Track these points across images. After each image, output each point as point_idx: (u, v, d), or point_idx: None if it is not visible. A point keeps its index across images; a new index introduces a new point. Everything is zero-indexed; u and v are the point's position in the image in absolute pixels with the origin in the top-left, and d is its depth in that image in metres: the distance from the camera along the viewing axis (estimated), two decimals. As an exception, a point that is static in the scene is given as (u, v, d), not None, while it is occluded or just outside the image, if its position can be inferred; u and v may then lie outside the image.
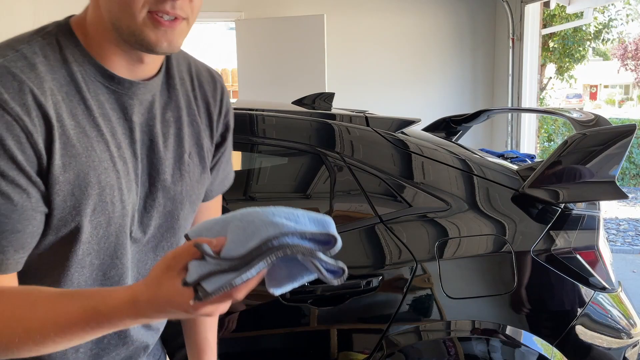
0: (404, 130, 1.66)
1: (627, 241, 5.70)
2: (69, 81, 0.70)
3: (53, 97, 0.68)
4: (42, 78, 0.67)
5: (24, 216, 0.66)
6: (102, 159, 0.72)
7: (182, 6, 0.69)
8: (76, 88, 0.71)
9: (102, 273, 0.78)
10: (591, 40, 9.51)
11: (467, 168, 1.59)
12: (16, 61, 0.67)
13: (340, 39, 5.38)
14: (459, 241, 1.50)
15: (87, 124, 0.71)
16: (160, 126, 0.80)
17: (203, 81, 0.88)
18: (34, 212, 0.67)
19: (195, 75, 0.87)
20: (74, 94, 0.70)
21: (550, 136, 9.25)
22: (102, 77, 0.73)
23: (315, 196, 1.56)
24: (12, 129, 0.64)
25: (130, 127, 0.76)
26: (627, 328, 1.57)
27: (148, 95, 0.78)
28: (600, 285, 1.53)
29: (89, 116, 0.71)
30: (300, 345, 1.45)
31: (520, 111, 5.53)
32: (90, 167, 0.70)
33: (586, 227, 1.57)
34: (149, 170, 0.79)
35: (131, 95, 0.75)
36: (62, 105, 0.69)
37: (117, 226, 0.75)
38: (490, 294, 1.48)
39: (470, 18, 5.74)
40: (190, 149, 0.84)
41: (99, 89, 0.73)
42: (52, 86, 0.68)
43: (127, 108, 0.75)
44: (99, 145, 0.72)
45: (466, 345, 1.45)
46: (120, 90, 0.74)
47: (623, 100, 27.83)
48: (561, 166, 1.53)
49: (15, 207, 0.65)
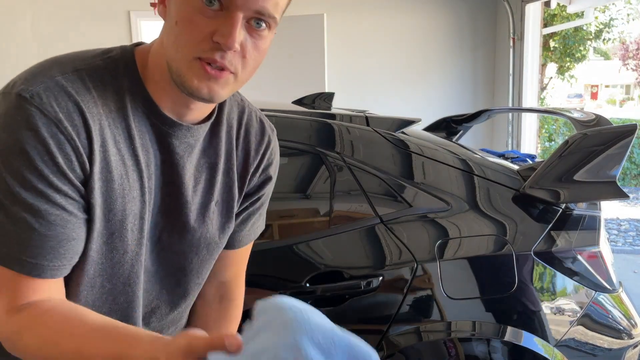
0: (404, 130, 1.66)
1: (628, 241, 5.69)
2: (118, 108, 0.72)
3: (101, 122, 0.70)
4: (94, 102, 0.69)
5: (77, 224, 0.70)
6: (132, 188, 0.74)
7: (232, 59, 0.68)
8: (123, 116, 0.72)
9: (112, 297, 0.79)
10: (592, 39, 9.50)
11: (467, 168, 1.59)
12: (74, 82, 0.69)
13: (340, 39, 5.37)
14: (459, 241, 1.49)
15: (126, 152, 0.73)
16: (193, 170, 0.81)
17: (251, 131, 0.87)
18: (83, 221, 0.71)
19: (245, 123, 0.87)
20: (120, 121, 0.72)
21: (551, 136, 9.24)
22: (149, 111, 0.75)
23: (315, 196, 1.55)
24: (64, 147, 0.66)
25: (165, 163, 0.77)
26: (628, 328, 1.57)
27: (190, 139, 0.78)
28: (601, 286, 1.53)
29: (130, 145, 0.73)
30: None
31: (520, 111, 5.52)
32: (119, 195, 0.72)
33: (587, 227, 1.56)
34: (172, 208, 0.80)
35: (172, 134, 0.76)
36: (107, 130, 0.71)
37: (134, 254, 0.77)
38: (491, 295, 1.48)
39: (471, 18, 5.74)
40: (219, 197, 0.85)
41: (143, 121, 0.75)
42: (101, 111, 0.70)
43: (165, 145, 0.76)
44: (132, 174, 0.74)
45: (467, 346, 1.45)
46: (164, 127, 0.76)
47: (624, 100, 27.82)
48: (562, 166, 1.52)
49: (69, 218, 0.69)
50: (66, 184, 0.67)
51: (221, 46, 0.66)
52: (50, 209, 0.67)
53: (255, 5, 0.67)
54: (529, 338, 1.45)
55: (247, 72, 0.72)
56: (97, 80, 0.71)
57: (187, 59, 0.68)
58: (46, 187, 0.66)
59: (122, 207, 0.73)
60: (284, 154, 1.57)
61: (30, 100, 0.65)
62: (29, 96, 0.66)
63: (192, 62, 0.68)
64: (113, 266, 0.76)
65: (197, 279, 0.89)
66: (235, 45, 0.67)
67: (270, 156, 0.91)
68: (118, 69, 0.73)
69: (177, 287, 0.87)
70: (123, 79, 0.73)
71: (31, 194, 0.66)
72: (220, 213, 0.86)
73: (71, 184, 0.68)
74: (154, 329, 0.87)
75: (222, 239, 0.88)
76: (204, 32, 0.67)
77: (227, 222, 0.87)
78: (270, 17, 0.69)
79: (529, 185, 1.52)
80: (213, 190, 0.83)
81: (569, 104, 21.66)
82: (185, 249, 0.84)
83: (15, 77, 0.70)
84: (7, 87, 0.69)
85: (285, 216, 1.54)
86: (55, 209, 0.67)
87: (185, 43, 0.68)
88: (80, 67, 0.71)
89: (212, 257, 0.89)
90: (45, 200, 0.66)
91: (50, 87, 0.67)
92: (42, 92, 0.66)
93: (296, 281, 1.40)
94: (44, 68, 0.70)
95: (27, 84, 0.67)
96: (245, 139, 0.87)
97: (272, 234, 1.48)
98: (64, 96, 0.67)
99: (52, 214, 0.67)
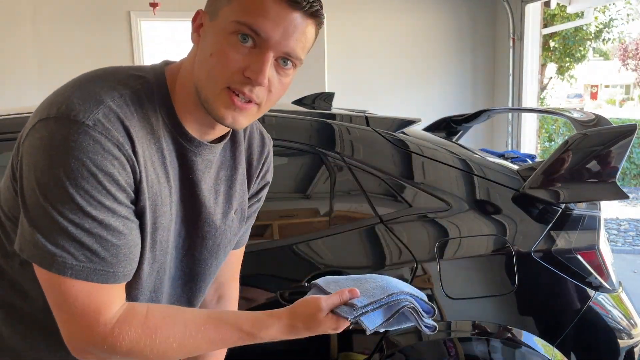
0: (404, 130, 1.66)
1: (628, 241, 5.69)
2: (153, 130, 0.77)
3: (142, 145, 0.75)
4: (136, 125, 0.75)
5: (136, 232, 0.76)
6: (164, 203, 0.80)
7: (259, 93, 0.75)
8: (157, 138, 0.78)
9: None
10: (592, 40, 9.50)
11: (467, 168, 1.59)
12: (122, 107, 0.73)
13: (340, 39, 5.37)
14: (459, 241, 1.49)
15: (160, 170, 0.79)
16: (212, 183, 0.87)
17: (253, 143, 0.95)
18: (138, 228, 0.77)
19: (248, 136, 0.95)
20: (155, 141, 0.78)
21: (551, 136, 9.24)
22: (176, 131, 0.80)
23: (315, 196, 1.55)
24: (125, 167, 0.72)
25: (186, 178, 0.83)
26: (627, 328, 1.57)
27: (210, 156, 0.85)
28: (601, 286, 1.53)
29: (162, 164, 0.79)
30: (300, 345, 1.44)
31: (520, 111, 5.52)
32: (152, 209, 0.78)
33: (587, 227, 1.56)
34: (194, 220, 0.86)
35: (196, 153, 0.82)
36: (147, 152, 0.76)
37: (160, 263, 0.83)
38: (491, 295, 1.48)
39: (471, 18, 5.74)
40: (238, 206, 0.93)
41: (171, 140, 0.80)
42: (142, 134, 0.76)
43: (188, 162, 0.83)
44: (164, 191, 0.80)
45: (466, 346, 1.45)
46: (189, 146, 0.82)
47: (624, 100, 27.81)
48: (562, 166, 1.52)
49: (132, 225, 0.75)
50: (126, 198, 0.74)
51: (252, 81, 0.73)
52: (118, 220, 0.73)
53: (286, 47, 0.74)
54: (529, 338, 1.45)
55: (270, 103, 0.79)
56: (137, 104, 0.76)
57: (217, 89, 0.74)
58: (113, 203, 0.72)
59: (153, 221, 0.78)
60: (285, 154, 1.57)
61: (94, 127, 0.69)
62: (92, 124, 0.69)
63: (221, 91, 0.74)
64: (142, 276, 0.81)
65: (211, 280, 0.96)
66: (264, 82, 0.73)
67: (269, 164, 1.00)
68: (153, 92, 0.78)
69: (197, 291, 0.93)
70: (157, 102, 0.78)
71: (101, 212, 0.71)
72: (238, 220, 0.94)
73: (129, 198, 0.74)
74: None
75: (234, 241, 0.96)
76: (237, 67, 0.73)
77: (240, 227, 0.96)
78: (297, 58, 0.76)
79: (529, 185, 1.52)
80: (232, 200, 0.91)
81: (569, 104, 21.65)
82: (206, 255, 0.90)
83: (63, 100, 0.72)
84: (59, 111, 0.71)
85: (285, 216, 1.54)
86: (122, 221, 0.73)
87: (217, 74, 0.73)
88: (123, 92, 0.75)
89: (224, 260, 0.97)
90: (113, 215, 0.72)
91: (107, 114, 0.71)
92: (102, 118, 0.71)
93: (296, 281, 1.40)
94: (92, 92, 0.73)
95: (85, 111, 0.70)
96: (249, 150, 0.95)
97: (272, 234, 1.48)
98: (118, 121, 0.72)
99: (120, 225, 0.73)
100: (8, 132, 1.43)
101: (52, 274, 0.70)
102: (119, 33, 5.06)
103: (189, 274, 0.91)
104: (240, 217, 0.94)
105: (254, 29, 0.71)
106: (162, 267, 0.84)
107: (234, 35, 0.72)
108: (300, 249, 1.45)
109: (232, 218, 0.91)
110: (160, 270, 0.84)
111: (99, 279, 0.72)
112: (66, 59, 4.88)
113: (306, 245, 1.45)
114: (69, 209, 0.69)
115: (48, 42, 4.94)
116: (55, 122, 0.70)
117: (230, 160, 0.90)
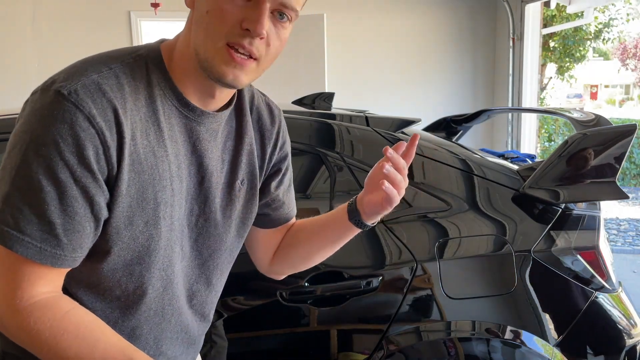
0: (404, 130, 1.66)
1: (628, 241, 5.69)
2: (148, 103, 0.77)
3: (132, 117, 0.74)
4: (126, 98, 0.73)
5: (86, 218, 0.72)
6: (162, 177, 0.78)
7: (258, 46, 0.74)
8: (153, 110, 0.77)
9: (150, 284, 0.83)
10: (591, 39, 9.50)
11: (467, 168, 1.59)
12: (108, 79, 0.73)
13: (340, 38, 5.37)
14: (459, 241, 1.49)
15: (156, 144, 0.77)
16: (220, 153, 0.86)
17: (262, 113, 0.94)
18: (95, 216, 0.73)
19: (256, 106, 0.94)
20: (150, 115, 0.77)
21: (551, 136, 9.24)
22: (177, 102, 0.79)
23: (315, 196, 1.55)
24: (93, 141, 0.70)
25: (193, 150, 0.82)
26: (627, 328, 1.57)
27: (215, 125, 0.84)
28: (601, 286, 1.53)
29: (159, 137, 0.77)
30: (300, 345, 1.44)
31: (520, 111, 5.53)
32: (150, 185, 0.76)
33: (587, 227, 1.56)
34: (203, 192, 0.85)
35: (199, 122, 0.82)
36: (138, 125, 0.75)
37: (166, 240, 0.81)
38: (491, 294, 1.48)
39: (471, 18, 5.74)
40: (244, 177, 0.91)
41: (172, 112, 0.79)
42: (132, 107, 0.74)
43: (193, 133, 0.82)
44: (162, 165, 0.78)
45: (466, 346, 1.45)
46: (192, 116, 0.81)
47: (623, 100, 27.82)
48: (562, 166, 1.52)
49: (80, 210, 0.71)
50: (87, 176, 0.71)
51: (250, 33, 0.72)
52: (68, 197, 0.70)
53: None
54: (529, 338, 1.45)
55: (268, 59, 0.78)
56: (129, 77, 0.75)
57: (216, 46, 0.73)
58: (68, 178, 0.69)
59: (153, 196, 0.77)
60: (284, 154, 1.57)
61: (67, 97, 0.69)
62: (67, 93, 0.70)
63: (220, 48, 0.73)
64: (150, 254, 0.80)
65: (230, 257, 0.95)
66: (263, 32, 0.72)
67: (284, 134, 0.99)
68: (147, 65, 0.78)
69: (215, 269, 0.92)
70: (152, 74, 0.78)
71: (52, 183, 0.69)
72: (246, 191, 0.92)
73: (92, 177, 0.71)
74: (196, 311, 0.94)
75: (248, 215, 0.94)
76: (234, 20, 0.72)
77: (252, 199, 0.93)
78: (293, 10, 0.76)
79: (529, 185, 1.52)
80: (237, 170, 0.89)
81: (569, 104, 21.65)
82: (220, 230, 0.89)
83: (54, 75, 0.74)
84: (45, 83, 0.73)
85: (285, 216, 1.54)
86: (72, 200, 0.70)
87: (215, 30, 0.73)
88: (113, 66, 0.75)
89: (243, 235, 0.95)
90: (63, 189, 0.70)
91: (86, 85, 0.71)
92: (80, 89, 0.70)
93: (296, 280, 1.40)
94: (81, 68, 0.74)
95: (65, 82, 0.71)
96: (259, 122, 0.93)
97: (272, 234, 1.48)
98: (99, 93, 0.71)
99: (69, 202, 0.70)
100: (8, 132, 1.44)
101: None
102: (119, 33, 5.06)
103: (205, 252, 0.89)
104: (247, 189, 0.92)
105: None
106: (168, 244, 0.82)
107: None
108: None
109: (239, 188, 0.90)
110: (167, 248, 0.82)
111: (25, 253, 0.70)
112: (66, 59, 4.83)
113: (306, 245, 1.45)
114: (22, 174, 0.69)
115: (48, 42, 4.94)
116: (40, 93, 0.72)
117: (236, 130, 0.89)
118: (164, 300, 0.86)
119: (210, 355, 1.26)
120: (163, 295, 0.86)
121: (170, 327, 0.89)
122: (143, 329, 0.86)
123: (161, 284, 0.84)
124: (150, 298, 0.84)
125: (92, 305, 0.80)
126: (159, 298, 0.85)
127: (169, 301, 0.87)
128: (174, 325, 0.90)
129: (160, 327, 0.88)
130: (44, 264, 0.71)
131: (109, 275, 0.80)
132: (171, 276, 0.85)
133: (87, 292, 0.81)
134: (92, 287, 0.81)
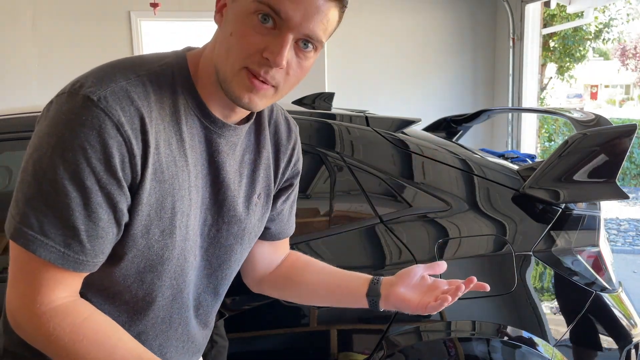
0: (404, 130, 1.66)
1: (628, 241, 5.69)
2: (172, 112, 0.77)
3: (156, 126, 0.74)
4: (152, 107, 0.74)
5: (109, 224, 0.73)
6: (182, 187, 0.78)
7: (275, 75, 0.74)
8: (177, 119, 0.77)
9: (160, 292, 0.84)
10: (591, 40, 9.50)
11: (467, 168, 1.59)
12: (136, 86, 0.73)
13: (340, 38, 5.37)
14: (459, 241, 1.49)
15: (177, 153, 0.77)
16: (237, 166, 0.87)
17: (280, 128, 0.95)
18: (118, 222, 0.74)
19: (274, 121, 0.94)
20: (173, 124, 0.77)
21: (551, 136, 9.24)
22: (200, 113, 0.80)
23: (315, 196, 1.55)
24: (120, 149, 0.70)
25: (211, 161, 0.83)
26: (627, 328, 1.57)
27: (234, 138, 0.84)
28: (601, 286, 1.53)
29: (181, 147, 0.78)
30: (300, 345, 1.44)
31: (520, 111, 5.52)
32: (169, 194, 0.77)
33: (587, 227, 1.56)
34: (219, 204, 0.86)
35: (220, 134, 0.82)
36: (162, 133, 0.75)
37: (180, 249, 0.81)
38: (491, 295, 1.48)
39: (471, 18, 5.74)
40: (261, 191, 0.92)
41: (194, 123, 0.79)
42: (157, 115, 0.75)
43: (212, 144, 0.82)
44: (182, 175, 0.78)
45: (466, 346, 1.45)
46: (213, 128, 0.81)
47: (623, 100, 27.82)
48: (562, 166, 1.52)
49: (104, 216, 0.72)
50: (112, 183, 0.71)
51: (269, 62, 0.72)
52: (92, 204, 0.70)
53: (306, 29, 0.72)
54: (529, 338, 1.45)
55: (288, 87, 0.77)
56: (155, 85, 0.75)
57: (235, 68, 0.73)
58: (94, 184, 0.70)
59: (171, 205, 0.77)
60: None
61: (97, 103, 0.69)
62: (97, 99, 0.69)
63: (239, 71, 0.73)
64: (163, 262, 0.80)
65: (237, 267, 0.95)
66: (282, 63, 0.72)
67: (298, 151, 0.99)
68: (174, 74, 0.78)
69: (223, 279, 0.93)
70: (177, 83, 0.78)
71: (78, 189, 0.69)
72: (262, 205, 0.93)
73: (117, 184, 0.71)
74: (200, 320, 0.94)
75: (260, 228, 0.95)
76: (255, 48, 0.72)
77: (266, 212, 0.95)
78: (318, 41, 0.74)
79: (529, 185, 1.52)
80: (255, 184, 0.90)
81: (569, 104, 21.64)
82: (232, 241, 0.90)
83: (81, 79, 0.73)
84: (73, 87, 0.72)
85: (285, 216, 1.54)
86: (97, 206, 0.71)
87: (236, 54, 0.73)
88: (141, 73, 0.75)
89: (249, 247, 0.96)
90: (89, 196, 0.70)
91: (115, 92, 0.71)
92: (109, 95, 0.70)
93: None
94: (110, 73, 0.73)
95: (94, 87, 0.70)
96: (275, 135, 0.94)
97: (272, 234, 1.48)
98: (127, 101, 0.71)
99: (94, 209, 0.70)
100: (8, 132, 1.44)
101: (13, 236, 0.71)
102: (119, 33, 5.05)
103: (215, 262, 0.90)
104: (263, 203, 0.93)
105: (274, 9, 0.70)
106: (182, 254, 0.82)
107: (255, 15, 0.71)
108: (300, 249, 1.45)
109: (255, 202, 0.90)
110: (181, 257, 0.82)
111: (49, 257, 0.70)
112: (66, 59, 4.88)
113: (306, 245, 1.45)
114: (47, 178, 0.68)
115: (48, 42, 4.94)
116: (67, 96, 0.71)
117: (255, 144, 0.90)
118: (173, 308, 0.86)
119: (211, 355, 1.26)
120: (172, 304, 0.86)
121: (177, 335, 0.89)
122: (149, 334, 0.86)
123: (171, 292, 0.85)
124: (159, 305, 0.84)
125: (99, 308, 0.80)
126: (167, 306, 0.85)
127: (178, 310, 0.87)
128: (180, 334, 0.90)
129: (166, 334, 0.88)
130: (66, 269, 0.72)
131: (120, 280, 0.80)
132: (182, 285, 0.85)
133: (96, 295, 0.81)
134: (102, 290, 0.81)
